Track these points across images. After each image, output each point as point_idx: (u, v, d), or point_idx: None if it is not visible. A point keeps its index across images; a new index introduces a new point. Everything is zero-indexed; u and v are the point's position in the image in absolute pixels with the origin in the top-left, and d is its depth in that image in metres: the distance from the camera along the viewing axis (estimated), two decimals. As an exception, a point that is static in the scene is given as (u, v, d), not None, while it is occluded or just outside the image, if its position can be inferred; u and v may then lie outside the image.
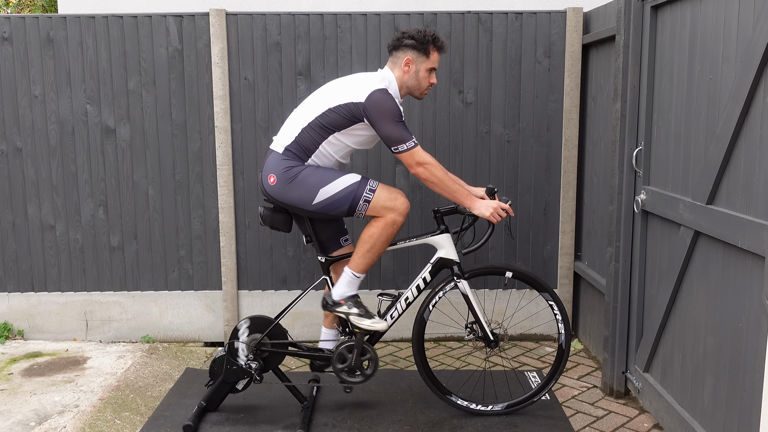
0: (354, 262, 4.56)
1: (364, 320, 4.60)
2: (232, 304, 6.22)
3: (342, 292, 4.60)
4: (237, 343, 4.73)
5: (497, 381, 5.36)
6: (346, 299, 4.60)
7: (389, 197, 4.45)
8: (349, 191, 4.42)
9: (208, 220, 6.17)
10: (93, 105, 6.02)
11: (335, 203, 4.43)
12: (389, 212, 4.45)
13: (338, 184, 4.42)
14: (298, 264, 6.24)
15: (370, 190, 4.43)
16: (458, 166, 6.10)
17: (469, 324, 4.79)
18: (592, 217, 5.91)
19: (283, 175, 4.46)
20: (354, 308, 4.59)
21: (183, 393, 5.24)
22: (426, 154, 4.37)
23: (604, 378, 5.23)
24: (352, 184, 4.43)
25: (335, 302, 4.60)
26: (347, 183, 4.43)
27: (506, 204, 4.53)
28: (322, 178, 4.43)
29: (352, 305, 4.60)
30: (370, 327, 4.60)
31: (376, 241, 4.49)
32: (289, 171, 4.45)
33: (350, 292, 4.61)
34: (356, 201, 4.42)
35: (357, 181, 4.44)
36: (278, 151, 4.53)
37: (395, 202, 4.45)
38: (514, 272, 4.71)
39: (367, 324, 4.60)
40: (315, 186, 4.42)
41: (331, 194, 4.42)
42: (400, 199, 4.47)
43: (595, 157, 5.82)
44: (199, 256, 6.23)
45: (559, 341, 4.80)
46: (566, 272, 6.25)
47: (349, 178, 4.45)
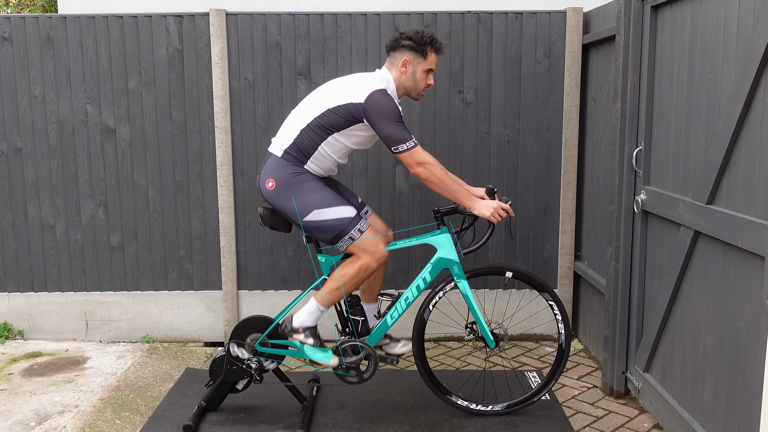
0: (320, 296, 4.60)
1: (317, 353, 4.65)
2: (232, 304, 6.22)
3: (302, 320, 4.63)
4: (236, 344, 4.74)
5: (497, 381, 5.36)
6: (305, 329, 4.63)
7: (372, 243, 4.48)
8: (339, 223, 4.45)
9: (208, 220, 6.17)
10: (93, 105, 6.02)
11: (323, 228, 4.47)
12: (366, 255, 4.48)
13: (333, 212, 4.45)
14: (298, 264, 6.24)
15: (359, 230, 4.47)
16: (458, 165, 6.10)
17: (469, 324, 4.80)
18: (592, 217, 5.91)
19: (282, 182, 4.48)
20: (310, 339, 4.63)
21: (183, 393, 5.24)
22: (426, 154, 4.37)
23: (604, 378, 5.23)
24: (344, 218, 4.46)
25: (293, 329, 4.64)
26: (341, 215, 4.46)
27: (506, 204, 4.53)
28: (321, 199, 4.46)
29: (309, 335, 4.63)
30: (320, 362, 4.65)
31: (347, 282, 4.53)
32: (291, 180, 4.47)
33: (310, 323, 4.64)
34: (343, 234, 4.46)
35: (351, 217, 4.47)
36: (277, 154, 4.53)
37: (375, 248, 4.48)
38: (514, 272, 4.72)
39: (318, 358, 4.65)
40: (311, 205, 4.45)
41: (322, 219, 4.45)
42: (380, 247, 4.50)
43: (595, 157, 5.82)
44: (199, 256, 6.23)
45: (559, 341, 4.81)
46: (566, 272, 6.25)
47: (345, 210, 4.48)
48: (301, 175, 4.48)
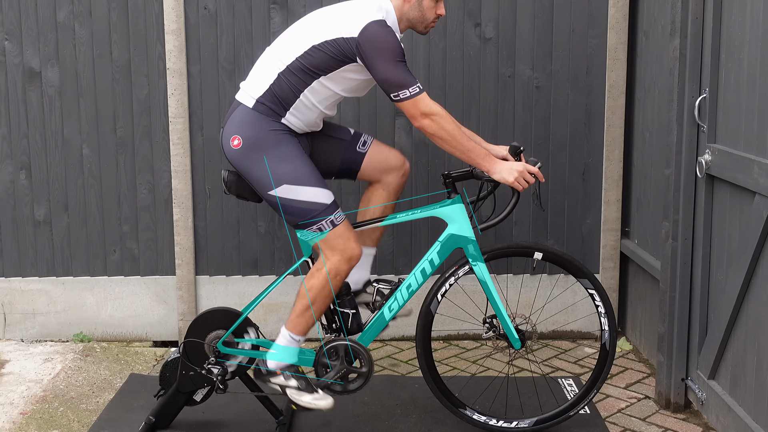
0: (290, 323, 4.65)
1: (303, 395, 4.63)
2: (188, 293, 6.23)
3: (278, 359, 4.67)
4: (194, 344, 4.73)
5: (524, 390, 5.37)
6: (284, 368, 4.66)
7: (343, 238, 4.52)
8: (311, 208, 4.48)
9: (158, 186, 6.17)
10: (12, 41, 6.00)
11: (290, 209, 4.51)
12: (335, 255, 4.52)
13: (306, 193, 4.48)
14: (272, 242, 6.25)
15: (332, 222, 4.50)
16: (474, 118, 6.10)
17: (488, 318, 4.80)
18: (644, 183, 5.91)
19: (252, 140, 4.49)
20: (292, 380, 4.63)
21: (126, 405, 5.25)
22: (433, 103, 4.38)
23: (659, 386, 5.25)
24: (318, 204, 4.49)
25: (270, 371, 4.67)
26: (315, 199, 4.49)
27: (535, 167, 4.53)
28: (295, 174, 4.48)
29: (290, 377, 4.65)
30: (309, 405, 4.63)
31: (317, 296, 4.56)
32: (264, 138, 4.48)
33: (288, 360, 4.67)
34: (311, 223, 4.49)
35: (326, 204, 4.50)
36: (247, 104, 4.53)
37: (347, 243, 4.52)
38: (544, 253, 4.72)
39: (307, 400, 4.63)
40: (282, 176, 4.46)
41: (291, 197, 4.47)
42: (351, 245, 4.53)
43: (648, 108, 5.82)
44: (146, 232, 6.23)
45: (602, 340, 4.81)
46: (611, 253, 6.26)
47: (321, 194, 4.50)
48: (277, 133, 4.46)
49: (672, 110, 4.98)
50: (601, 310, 4.76)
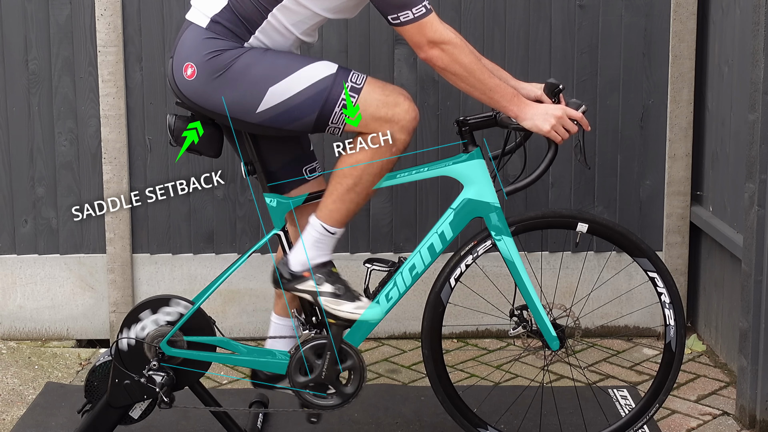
0: (325, 210, 4.54)
1: (343, 304, 4.58)
2: (122, 276, 6.25)
3: (306, 258, 4.59)
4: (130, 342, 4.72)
5: (563, 404, 5.39)
6: (314, 269, 4.59)
7: (385, 100, 4.42)
8: (317, 90, 4.38)
9: (83, 137, 6.19)
10: None
11: (294, 110, 4.41)
12: (384, 125, 4.42)
13: (300, 79, 4.39)
14: (233, 210, 6.27)
15: (353, 88, 4.40)
16: (498, 47, 6.13)
17: (517, 310, 4.80)
18: (721, 133, 5.91)
19: (207, 64, 4.43)
20: (326, 284, 4.58)
21: (41, 425, 5.27)
22: (445, 28, 4.33)
23: (741, 399, 5.26)
24: (322, 79, 4.39)
25: (295, 275, 4.59)
26: (315, 77, 4.40)
27: (577, 111, 4.49)
28: (274, 69, 4.40)
29: (323, 279, 4.59)
30: (352, 315, 4.59)
31: (362, 175, 4.47)
32: (218, 58, 4.42)
33: (320, 258, 4.60)
34: (330, 106, 4.39)
35: (332, 74, 4.41)
36: (200, 24, 4.49)
37: (395, 108, 4.42)
38: (590, 224, 4.71)
39: (348, 310, 4.58)
40: (261, 82, 4.39)
41: (288, 96, 4.39)
42: (403, 105, 4.43)
43: (726, 34, 5.82)
44: (68, 197, 6.24)
45: (667, 338, 4.81)
46: (678, 224, 6.28)
47: (319, 68, 4.42)
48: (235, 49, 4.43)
49: (758, 37, 4.97)
50: (665, 299, 4.75)
